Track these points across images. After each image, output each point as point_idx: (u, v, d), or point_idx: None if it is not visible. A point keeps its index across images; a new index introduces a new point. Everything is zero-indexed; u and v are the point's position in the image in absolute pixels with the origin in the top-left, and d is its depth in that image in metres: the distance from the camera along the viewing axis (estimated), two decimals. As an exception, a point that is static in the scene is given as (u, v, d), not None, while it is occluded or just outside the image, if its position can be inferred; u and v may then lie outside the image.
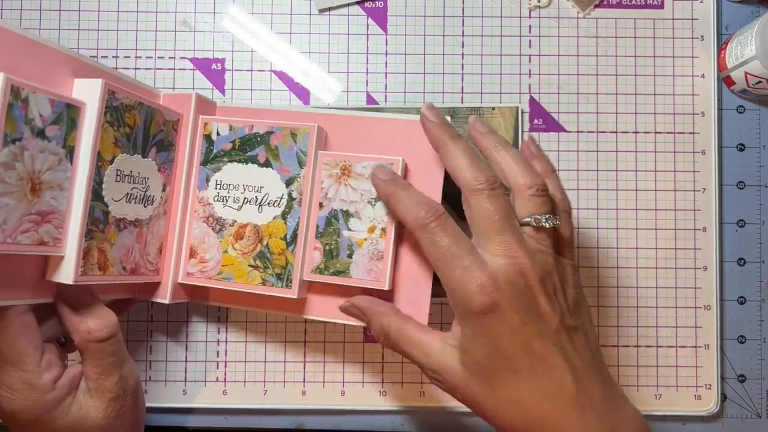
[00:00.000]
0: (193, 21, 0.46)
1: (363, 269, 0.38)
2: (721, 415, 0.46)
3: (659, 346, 0.46)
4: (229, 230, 0.40)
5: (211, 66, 0.46)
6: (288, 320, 0.46)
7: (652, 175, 0.46)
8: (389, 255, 0.38)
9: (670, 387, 0.45)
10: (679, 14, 0.47)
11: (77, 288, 0.35)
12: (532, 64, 0.47)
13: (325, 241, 0.39)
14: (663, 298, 0.46)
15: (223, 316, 0.46)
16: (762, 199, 0.47)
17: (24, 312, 0.33)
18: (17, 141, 0.30)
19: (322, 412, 0.46)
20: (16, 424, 0.34)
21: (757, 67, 0.43)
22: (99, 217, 0.35)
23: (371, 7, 0.47)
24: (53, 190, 0.33)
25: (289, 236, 0.39)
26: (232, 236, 0.40)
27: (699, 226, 0.46)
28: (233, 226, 0.40)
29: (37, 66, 0.33)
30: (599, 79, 0.47)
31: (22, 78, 0.31)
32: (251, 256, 0.40)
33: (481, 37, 0.47)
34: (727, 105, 0.47)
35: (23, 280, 0.33)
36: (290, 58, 0.47)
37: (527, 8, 0.47)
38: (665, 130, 0.47)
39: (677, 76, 0.47)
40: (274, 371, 0.45)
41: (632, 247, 0.46)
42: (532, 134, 0.46)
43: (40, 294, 0.34)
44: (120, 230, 0.37)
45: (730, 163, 0.47)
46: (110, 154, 0.35)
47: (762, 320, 0.46)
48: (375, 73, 0.47)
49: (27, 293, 0.34)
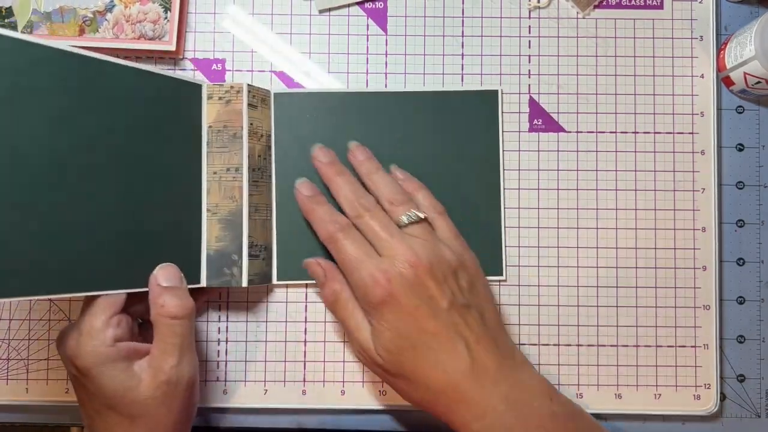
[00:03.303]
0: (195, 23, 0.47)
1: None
2: (721, 414, 0.46)
3: (659, 345, 0.46)
4: None
5: (211, 66, 0.47)
6: (288, 320, 0.46)
7: (651, 175, 0.46)
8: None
9: (670, 387, 0.46)
10: (678, 14, 0.47)
11: (171, 269, 0.39)
12: (532, 65, 0.47)
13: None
14: (662, 297, 0.46)
15: (223, 316, 0.46)
16: (761, 199, 0.47)
17: None
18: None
19: (322, 412, 0.46)
20: (75, 369, 0.37)
21: (757, 68, 0.43)
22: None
23: (371, 8, 0.47)
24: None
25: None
26: None
27: (698, 226, 0.46)
28: None
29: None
30: (599, 79, 0.47)
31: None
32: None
33: (481, 37, 0.47)
34: (727, 105, 0.47)
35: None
36: (290, 59, 0.47)
37: (527, 9, 0.47)
38: (664, 131, 0.47)
39: (676, 77, 0.47)
40: (274, 371, 0.45)
41: (632, 247, 0.46)
42: (395, 165, 0.45)
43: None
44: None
45: (730, 163, 0.47)
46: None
47: (761, 320, 0.46)
48: (375, 73, 0.47)
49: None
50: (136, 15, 0.45)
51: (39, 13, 0.44)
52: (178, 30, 0.45)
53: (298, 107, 0.45)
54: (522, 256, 0.46)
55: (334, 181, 0.43)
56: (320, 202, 0.43)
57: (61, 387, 0.45)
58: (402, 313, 0.38)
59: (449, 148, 0.45)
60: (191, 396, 0.39)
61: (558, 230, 0.46)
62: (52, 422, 0.46)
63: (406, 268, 0.38)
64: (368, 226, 0.40)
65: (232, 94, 0.42)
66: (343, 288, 0.41)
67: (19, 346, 0.45)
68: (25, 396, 0.45)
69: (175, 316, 0.37)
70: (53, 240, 0.35)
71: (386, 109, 0.45)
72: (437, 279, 0.38)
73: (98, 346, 0.36)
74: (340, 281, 0.42)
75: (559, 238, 0.46)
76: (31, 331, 0.45)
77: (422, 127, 0.45)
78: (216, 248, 0.42)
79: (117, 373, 0.36)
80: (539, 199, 0.46)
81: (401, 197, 0.42)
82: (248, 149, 0.42)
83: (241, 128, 0.42)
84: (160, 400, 0.37)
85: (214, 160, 0.42)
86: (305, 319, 0.46)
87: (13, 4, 0.44)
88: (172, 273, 0.39)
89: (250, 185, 0.42)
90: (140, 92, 0.39)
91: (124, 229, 0.38)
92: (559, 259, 0.46)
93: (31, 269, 0.34)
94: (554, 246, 0.46)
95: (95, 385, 0.36)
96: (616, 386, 0.46)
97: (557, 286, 0.46)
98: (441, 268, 0.39)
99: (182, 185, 0.41)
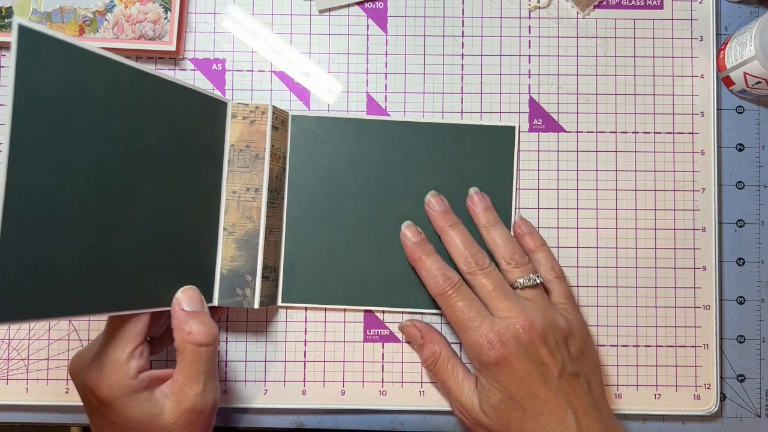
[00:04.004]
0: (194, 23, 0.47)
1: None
2: (721, 414, 0.46)
3: (658, 345, 0.46)
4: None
5: (211, 66, 0.47)
6: (288, 320, 0.46)
7: (651, 175, 0.46)
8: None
9: (670, 387, 0.46)
10: (678, 14, 0.47)
11: (193, 293, 0.38)
12: (532, 65, 0.47)
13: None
14: (662, 297, 0.46)
15: (223, 316, 0.46)
16: (761, 199, 0.47)
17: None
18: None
19: (322, 411, 0.46)
20: (95, 400, 0.36)
21: (756, 68, 0.43)
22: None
23: (371, 8, 0.47)
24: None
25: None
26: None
27: (698, 226, 0.46)
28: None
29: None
30: (599, 79, 0.47)
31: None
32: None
33: (481, 37, 0.47)
34: (727, 105, 0.47)
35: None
36: (291, 59, 0.47)
37: (527, 9, 0.47)
38: (664, 131, 0.47)
39: (676, 77, 0.47)
40: (274, 371, 0.45)
41: (632, 247, 0.46)
42: (521, 215, 0.46)
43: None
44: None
45: (730, 163, 0.47)
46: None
47: (761, 320, 0.46)
48: (375, 73, 0.47)
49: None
50: (136, 15, 0.45)
51: (39, 13, 0.44)
52: (178, 30, 0.45)
53: (314, 131, 0.45)
54: (522, 256, 0.46)
55: (447, 233, 0.43)
56: (429, 252, 0.43)
57: (61, 387, 0.45)
58: (515, 376, 0.38)
59: (462, 180, 0.45)
60: (212, 421, 0.39)
61: (558, 230, 0.46)
62: (52, 422, 0.46)
63: (520, 332, 0.39)
64: (482, 285, 0.41)
65: (257, 115, 0.42)
66: (443, 349, 0.42)
67: (19, 346, 0.45)
68: (25, 396, 0.45)
69: (202, 343, 0.37)
70: (95, 259, 0.33)
71: (402, 138, 0.45)
72: (549, 346, 0.39)
73: (122, 378, 0.35)
74: (438, 342, 0.43)
75: (559, 238, 0.46)
76: (31, 331, 0.45)
77: (437, 158, 0.45)
78: (230, 267, 0.42)
79: (141, 403, 0.36)
80: (539, 199, 0.46)
81: (520, 258, 0.42)
82: (269, 170, 0.42)
83: (264, 149, 0.42)
84: (183, 426, 0.36)
85: (234, 180, 0.42)
86: (305, 319, 0.46)
87: (13, 4, 0.44)
88: (195, 297, 0.38)
89: (267, 207, 0.42)
90: (173, 107, 0.38)
91: (149, 247, 0.37)
92: (560, 259, 0.46)
93: (54, 289, 0.31)
94: (554, 246, 0.46)
95: (117, 415, 0.36)
96: (616, 386, 0.46)
97: (557, 286, 0.46)
98: (554, 334, 0.39)
99: (201, 203, 0.41)
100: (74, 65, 0.32)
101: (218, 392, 0.39)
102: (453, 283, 0.41)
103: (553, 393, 0.38)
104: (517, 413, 0.38)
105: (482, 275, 0.41)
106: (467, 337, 0.40)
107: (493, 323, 0.39)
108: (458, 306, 0.40)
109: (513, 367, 0.38)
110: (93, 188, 0.33)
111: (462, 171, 0.45)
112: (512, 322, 0.39)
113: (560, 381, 0.39)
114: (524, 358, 0.38)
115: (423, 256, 0.42)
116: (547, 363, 0.39)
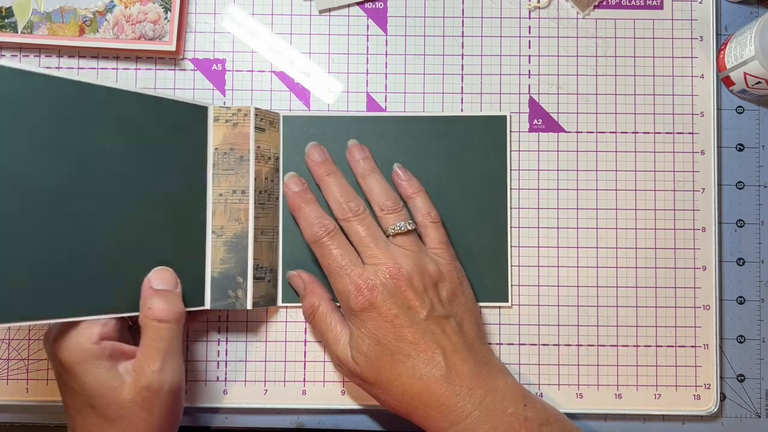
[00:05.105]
0: (193, 21, 0.46)
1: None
2: (720, 414, 0.46)
3: (658, 345, 0.46)
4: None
5: (211, 67, 0.47)
6: (288, 320, 0.46)
7: (651, 175, 0.46)
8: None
9: (670, 387, 0.46)
10: (678, 15, 0.47)
11: (165, 273, 0.39)
12: (532, 65, 0.47)
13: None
14: (662, 297, 0.46)
15: (223, 316, 0.46)
16: (761, 199, 0.47)
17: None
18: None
19: (322, 411, 0.46)
20: (60, 366, 0.37)
21: (756, 68, 0.43)
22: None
23: (371, 8, 0.47)
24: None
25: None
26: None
27: (698, 226, 0.46)
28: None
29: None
30: (598, 79, 0.47)
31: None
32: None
33: (481, 37, 0.47)
34: (726, 105, 0.47)
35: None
36: (290, 59, 0.47)
37: (527, 9, 0.47)
38: (664, 131, 0.47)
39: (676, 77, 0.47)
40: (274, 371, 0.45)
41: (632, 247, 0.46)
42: (398, 164, 0.45)
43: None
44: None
45: (729, 164, 0.47)
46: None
47: (761, 320, 0.46)
48: (375, 73, 0.47)
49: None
50: (136, 15, 0.45)
51: (39, 13, 0.44)
52: (178, 30, 0.45)
53: (306, 130, 0.45)
54: (522, 256, 0.46)
55: (325, 181, 0.43)
56: (309, 200, 0.43)
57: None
58: (381, 320, 0.39)
59: (456, 173, 0.45)
60: (174, 403, 0.38)
61: (558, 230, 0.46)
62: (52, 422, 0.46)
63: (387, 278, 0.39)
64: (354, 231, 0.41)
65: (239, 117, 0.43)
66: (322, 302, 0.42)
67: (19, 346, 0.45)
68: (25, 396, 0.45)
69: (162, 319, 0.37)
70: (53, 266, 0.35)
71: (394, 134, 0.45)
72: (416, 290, 0.39)
73: (83, 342, 0.36)
74: (318, 295, 0.43)
75: (559, 238, 0.46)
76: (31, 331, 0.45)
77: (429, 151, 0.45)
78: (220, 270, 0.42)
79: (100, 371, 0.36)
80: (539, 199, 0.46)
81: (393, 205, 0.42)
82: (255, 172, 0.42)
83: (248, 151, 0.42)
84: (140, 404, 0.36)
85: (220, 183, 0.42)
86: (305, 319, 0.46)
87: (13, 4, 0.44)
88: (167, 276, 0.39)
89: (256, 207, 0.42)
90: (141, 116, 0.39)
91: (126, 253, 0.38)
92: (559, 259, 0.46)
93: (30, 295, 0.34)
94: (554, 246, 0.46)
95: (78, 382, 0.36)
96: (616, 386, 0.46)
97: (557, 286, 0.46)
98: (422, 278, 0.40)
99: (186, 207, 0.41)
100: (14, 85, 0.34)
101: (181, 374, 0.38)
102: (328, 230, 0.41)
103: (420, 334, 0.39)
104: (386, 357, 0.39)
105: (356, 221, 0.41)
106: (337, 285, 0.40)
107: (362, 270, 0.40)
108: (332, 254, 0.40)
109: (379, 312, 0.39)
110: (45, 200, 0.35)
111: (455, 163, 0.45)
112: (380, 268, 0.39)
113: (428, 322, 0.39)
114: (390, 302, 0.39)
115: (303, 204, 0.42)
116: (414, 306, 0.39)
